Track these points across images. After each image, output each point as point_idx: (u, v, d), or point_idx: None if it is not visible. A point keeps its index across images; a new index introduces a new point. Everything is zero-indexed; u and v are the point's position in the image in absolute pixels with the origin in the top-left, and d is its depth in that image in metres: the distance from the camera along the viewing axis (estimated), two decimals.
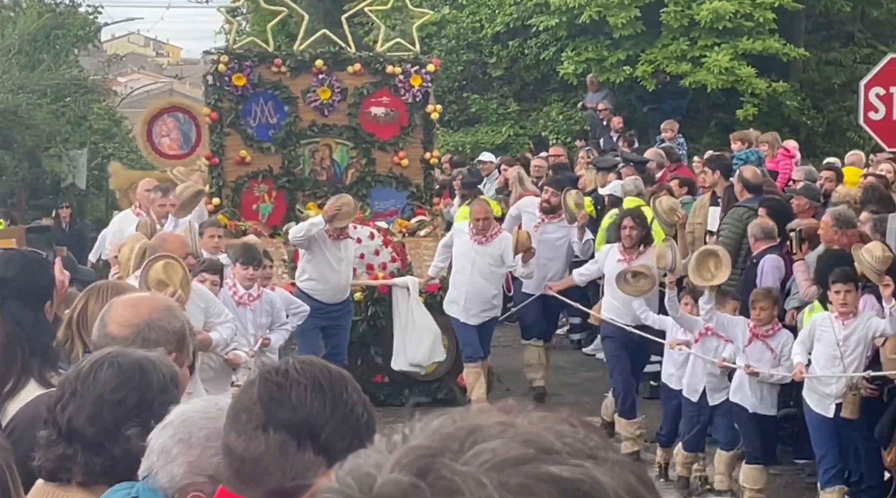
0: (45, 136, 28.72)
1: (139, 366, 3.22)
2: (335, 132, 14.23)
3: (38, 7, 31.52)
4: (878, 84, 10.89)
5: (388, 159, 14.31)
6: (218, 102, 14.06)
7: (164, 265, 7.74)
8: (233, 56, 14.07)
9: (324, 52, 14.55)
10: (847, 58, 22.89)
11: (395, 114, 14.29)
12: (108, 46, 49.55)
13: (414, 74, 14.28)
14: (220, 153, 14.11)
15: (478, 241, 12.42)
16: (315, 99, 14.08)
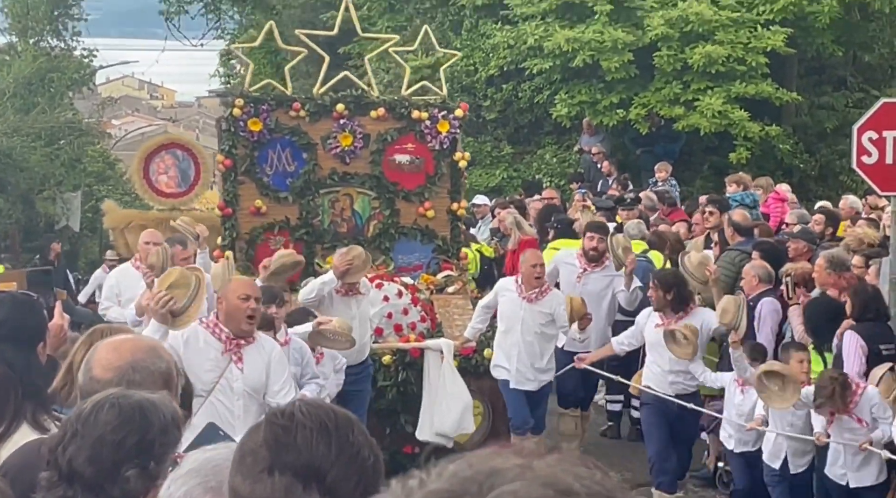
0: (40, 179, 28.75)
1: (140, 407, 3.23)
2: (357, 181, 13.37)
3: (34, 51, 31.64)
4: (871, 128, 10.93)
5: (412, 210, 13.45)
6: (232, 149, 13.19)
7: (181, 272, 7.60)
8: (248, 99, 13.14)
9: (345, 95, 13.64)
10: (839, 102, 23.00)
11: (421, 162, 13.46)
12: (102, 89, 49.62)
13: (441, 120, 13.45)
14: (233, 203, 13.22)
15: (528, 298, 11.44)
16: (335, 145, 13.24)
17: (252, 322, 7.71)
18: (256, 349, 7.80)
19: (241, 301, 7.65)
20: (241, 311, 7.64)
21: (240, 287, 7.77)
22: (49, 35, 33.77)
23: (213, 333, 7.71)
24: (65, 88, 32.22)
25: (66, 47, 34.14)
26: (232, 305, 7.67)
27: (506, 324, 11.58)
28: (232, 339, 7.70)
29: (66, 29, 34.26)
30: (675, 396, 10.79)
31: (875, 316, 9.78)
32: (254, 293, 7.74)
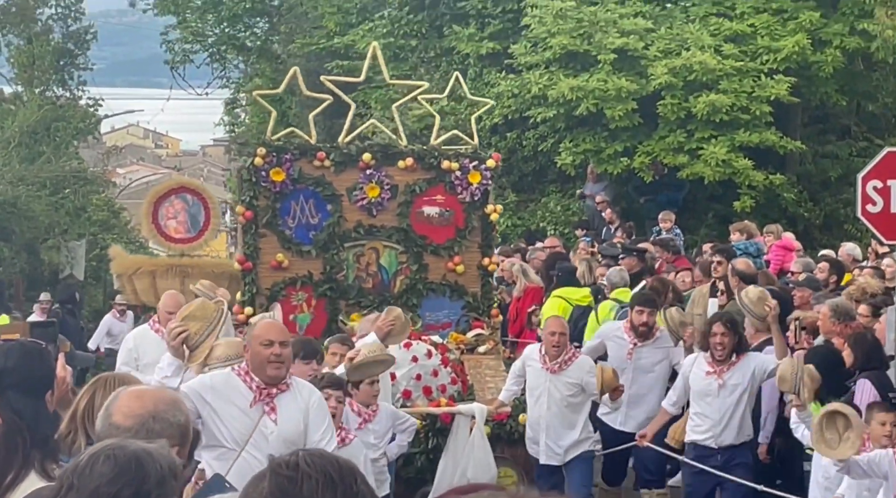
0: (44, 228, 28.80)
1: (136, 458, 3.19)
2: (383, 234, 12.77)
3: (39, 100, 31.77)
4: (876, 177, 10.91)
5: (441, 265, 12.85)
6: (253, 200, 12.56)
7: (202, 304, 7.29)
8: (271, 148, 12.54)
9: (372, 144, 13.22)
10: (843, 151, 23.04)
11: (451, 214, 12.86)
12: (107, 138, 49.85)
13: (472, 170, 12.87)
14: (254, 257, 12.60)
15: (552, 369, 10.67)
16: (362, 197, 12.66)
17: (279, 368, 7.02)
18: (292, 397, 7.11)
19: (264, 347, 6.98)
20: (264, 357, 6.98)
21: (263, 332, 7.09)
22: (55, 84, 33.95)
23: (244, 382, 7.05)
24: (70, 137, 32.35)
25: (72, 96, 34.31)
26: (255, 350, 7.04)
27: (532, 396, 10.89)
28: (262, 388, 7.02)
29: (71, 78, 34.44)
30: (726, 447, 10.21)
31: (879, 364, 9.73)
32: (277, 338, 7.03)
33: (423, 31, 25.51)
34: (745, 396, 10.22)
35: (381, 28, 25.92)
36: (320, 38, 29.25)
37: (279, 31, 33.97)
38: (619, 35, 21.04)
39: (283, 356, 7.02)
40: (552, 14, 21.53)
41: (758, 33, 21.33)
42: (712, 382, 10.19)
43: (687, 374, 10.47)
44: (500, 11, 23.96)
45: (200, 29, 36.12)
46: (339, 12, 29.56)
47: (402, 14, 25.69)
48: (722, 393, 10.17)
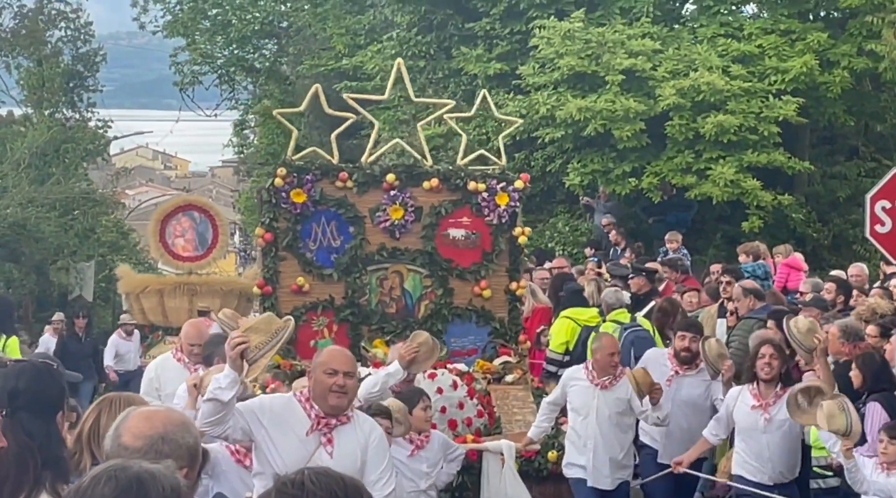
0: (53, 249, 28.83)
1: (138, 479, 3.17)
2: (407, 257, 12.30)
3: (48, 121, 31.86)
4: (884, 197, 10.92)
5: (467, 290, 12.37)
6: (273, 222, 12.10)
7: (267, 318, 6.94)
8: (291, 169, 12.11)
9: (396, 164, 12.80)
10: (852, 171, 23.03)
11: (477, 237, 12.39)
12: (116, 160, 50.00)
13: (500, 192, 12.37)
14: (273, 280, 12.13)
15: (601, 385, 10.23)
16: (385, 219, 12.21)
17: (341, 398, 6.60)
18: (351, 431, 6.68)
19: (328, 376, 6.57)
20: (327, 385, 6.55)
21: (328, 360, 6.69)
22: (64, 106, 34.05)
23: (303, 409, 6.65)
24: (79, 159, 32.41)
25: (81, 118, 34.42)
26: (318, 378, 6.63)
27: (579, 415, 10.33)
28: (322, 417, 6.60)
29: (81, 100, 34.55)
30: (774, 485, 9.74)
31: (888, 386, 9.68)
32: (342, 367, 6.63)
33: (431, 52, 25.55)
34: (794, 430, 9.77)
35: (390, 49, 25.97)
36: (329, 60, 29.36)
37: (288, 52, 34.12)
38: (626, 56, 21.07)
39: (346, 387, 6.63)
40: (560, 35, 21.57)
41: (766, 54, 21.34)
42: (758, 417, 9.76)
43: (731, 408, 9.98)
44: (508, 32, 24.01)
45: (209, 51, 36.28)
46: (347, 34, 29.66)
47: (411, 35, 25.75)
48: (768, 429, 9.74)
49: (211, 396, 6.47)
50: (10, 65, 34.22)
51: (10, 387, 4.77)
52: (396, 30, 26.51)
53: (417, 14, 25.62)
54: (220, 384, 6.47)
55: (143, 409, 4.12)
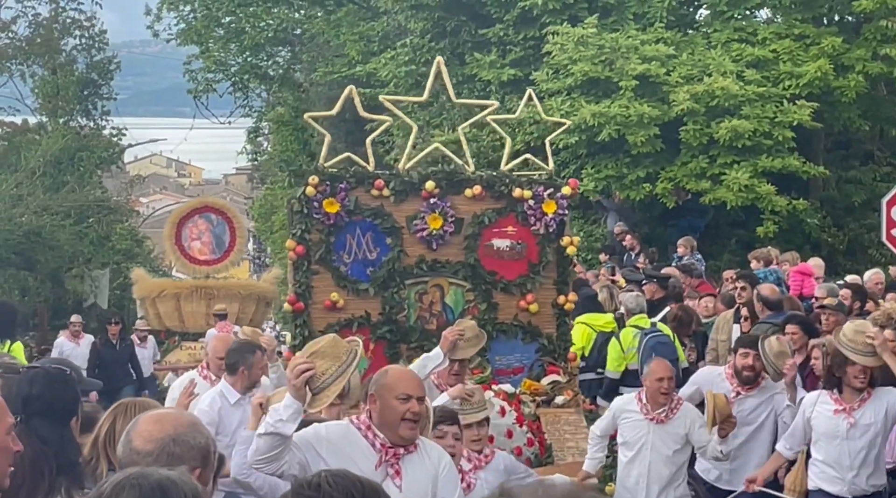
0: (68, 257, 28.94)
1: (160, 487, 3.18)
2: (448, 270, 11.56)
3: (63, 130, 31.98)
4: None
5: (512, 304, 11.61)
6: (305, 233, 11.36)
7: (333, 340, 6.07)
8: (324, 176, 11.34)
9: (435, 171, 11.87)
10: (867, 176, 22.96)
11: (523, 248, 11.66)
12: (130, 168, 50.13)
13: (547, 199, 11.65)
14: (305, 296, 11.40)
15: (656, 418, 9.33)
16: (424, 228, 11.47)
17: (414, 428, 5.88)
18: (419, 459, 5.97)
19: (400, 402, 5.82)
20: (399, 413, 5.81)
21: (398, 383, 5.92)
22: (78, 114, 34.22)
23: (365, 438, 5.89)
24: (93, 167, 32.56)
25: (96, 126, 34.58)
26: (388, 404, 5.85)
27: (630, 451, 9.47)
28: (389, 447, 5.86)
29: (95, 108, 34.72)
30: (859, 497, 9.11)
31: None
32: (416, 392, 5.91)
33: (444, 58, 25.52)
34: (879, 437, 9.11)
35: (403, 56, 25.97)
36: (342, 67, 29.37)
37: (301, 59, 34.17)
38: (640, 61, 21.04)
39: (419, 414, 5.91)
40: (573, 41, 21.54)
41: (780, 59, 21.30)
42: (841, 421, 9.02)
43: (809, 414, 9.22)
44: (521, 38, 23.99)
45: (223, 58, 36.37)
46: (360, 40, 29.69)
47: (424, 42, 25.74)
48: (852, 434, 9.03)
49: (270, 430, 5.72)
50: (24, 73, 34.41)
51: (23, 393, 4.79)
52: (410, 36, 26.49)
53: (431, 20, 25.60)
54: (281, 416, 5.72)
55: (153, 412, 4.12)
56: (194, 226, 21.66)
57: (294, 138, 35.06)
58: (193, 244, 21.59)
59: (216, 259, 22.03)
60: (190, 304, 21.92)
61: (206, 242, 21.64)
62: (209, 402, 8.91)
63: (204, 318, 21.68)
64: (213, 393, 9.09)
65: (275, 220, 34.62)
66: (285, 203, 12.44)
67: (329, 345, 5.97)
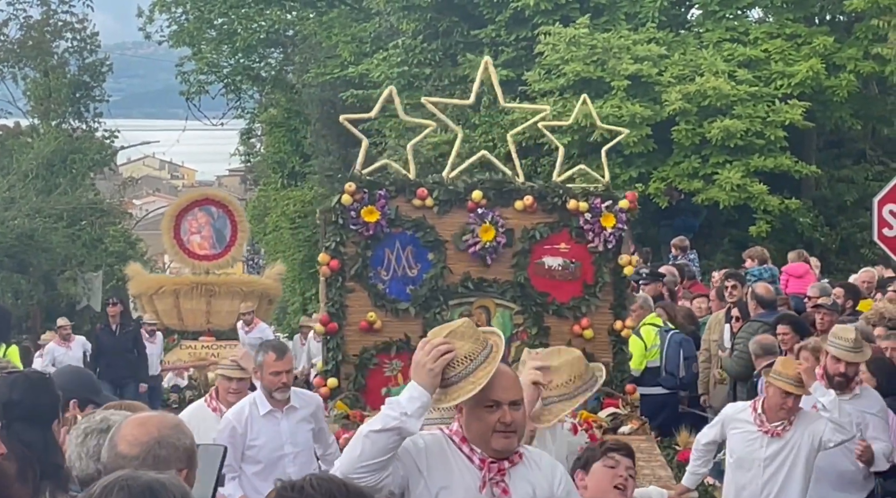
0: (61, 260, 28.92)
1: (150, 489, 3.18)
2: (495, 290, 10.52)
3: (55, 132, 31.96)
4: (892, 201, 10.91)
5: (565, 329, 10.53)
6: (339, 246, 10.33)
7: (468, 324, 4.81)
8: (361, 184, 10.33)
9: (483, 180, 10.76)
10: (859, 175, 22.99)
11: (577, 267, 10.59)
12: (123, 169, 50.11)
13: (605, 212, 10.58)
14: (339, 316, 10.34)
15: (772, 432, 8.24)
16: (474, 242, 10.42)
17: (509, 438, 4.76)
18: (528, 471, 4.90)
19: (488, 411, 4.73)
20: (489, 424, 4.73)
21: (485, 387, 4.70)
22: (71, 116, 34.20)
23: (461, 451, 4.83)
24: (86, 169, 32.54)
25: (88, 128, 34.55)
26: (474, 414, 4.77)
27: (739, 468, 8.43)
28: (491, 462, 4.78)
29: (87, 110, 34.69)
30: None
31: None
32: (507, 396, 4.77)
33: (437, 59, 25.54)
34: None
35: (396, 57, 25.97)
36: (334, 68, 29.37)
37: (293, 61, 34.16)
38: (632, 61, 21.06)
39: (515, 423, 4.77)
40: (565, 41, 21.55)
41: (772, 58, 21.34)
42: None
43: None
44: (513, 39, 24.00)
45: (215, 60, 36.36)
46: (353, 41, 29.68)
47: (416, 43, 25.74)
48: None
49: (391, 425, 4.53)
50: (16, 76, 34.38)
51: (4, 398, 4.79)
52: (402, 37, 26.49)
53: (423, 21, 25.61)
54: (405, 409, 4.55)
55: (137, 415, 4.11)
56: (194, 219, 20.88)
57: (287, 140, 35.04)
58: (193, 238, 20.80)
59: (217, 254, 21.16)
60: (189, 301, 21.10)
61: (206, 236, 20.87)
62: (238, 409, 8.42)
63: (204, 315, 21.01)
64: (245, 401, 8.47)
65: (268, 221, 34.59)
66: (317, 213, 11.24)
67: (468, 326, 4.81)
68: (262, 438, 8.35)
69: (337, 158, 28.62)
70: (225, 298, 21.04)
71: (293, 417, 8.47)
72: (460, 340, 4.70)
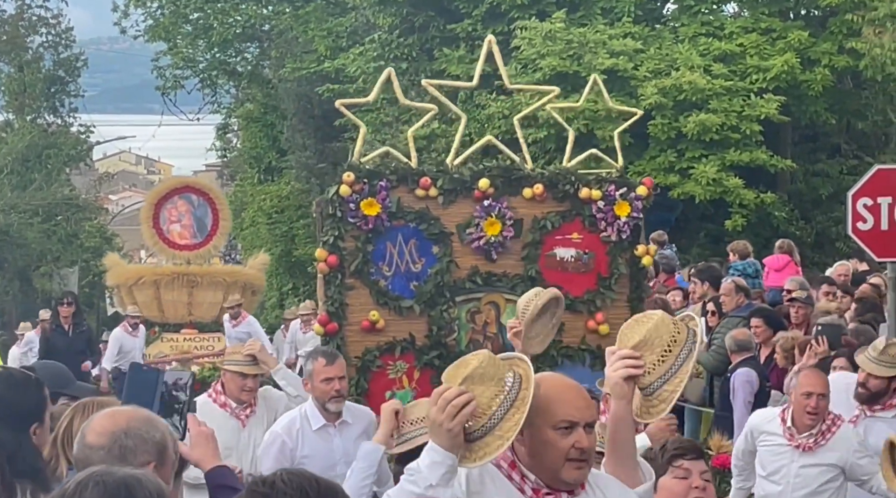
0: (36, 256, 28.81)
1: (125, 484, 3.16)
2: (505, 284, 9.93)
3: (30, 127, 31.84)
4: (866, 195, 10.91)
5: (579, 324, 9.96)
6: (338, 240, 9.71)
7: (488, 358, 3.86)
8: (360, 173, 9.72)
9: (490, 167, 10.24)
10: (834, 169, 23.07)
11: (591, 258, 10.08)
12: (99, 165, 49.90)
13: (620, 200, 10.10)
14: (339, 315, 9.71)
15: (803, 446, 7.72)
16: (478, 236, 9.87)
17: (583, 468, 3.88)
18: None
19: (560, 434, 3.87)
20: (562, 450, 3.85)
21: (559, 404, 3.91)
22: (46, 111, 34.09)
23: (510, 478, 3.94)
24: (61, 164, 32.43)
25: (63, 123, 34.44)
26: (542, 438, 3.88)
27: (770, 482, 7.92)
28: (546, 493, 3.92)
29: (62, 105, 34.59)
30: None
31: None
32: (584, 416, 3.92)
33: (413, 54, 25.53)
34: None
35: (372, 51, 25.95)
36: (311, 63, 29.30)
37: (270, 55, 34.08)
38: (608, 56, 21.08)
39: (588, 450, 3.90)
40: (542, 36, 21.57)
41: (747, 53, 21.39)
42: None
43: None
44: (490, 34, 24.01)
45: (191, 55, 36.24)
46: (329, 36, 29.63)
47: (393, 37, 25.72)
48: None
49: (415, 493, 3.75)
50: None
51: None
52: (378, 32, 26.47)
53: (399, 16, 25.59)
54: (429, 479, 3.74)
55: (109, 408, 4.08)
56: (174, 207, 20.20)
57: (263, 135, 34.94)
58: (173, 227, 20.21)
59: (197, 244, 20.53)
60: (170, 292, 20.29)
61: (186, 225, 20.21)
62: (288, 422, 7.51)
63: (186, 307, 20.37)
64: (295, 413, 7.61)
65: (244, 216, 34.49)
66: (314, 205, 10.60)
67: (487, 364, 3.85)
68: (313, 456, 7.34)
69: (314, 153, 28.55)
70: (207, 288, 20.37)
71: (347, 433, 7.49)
72: (479, 384, 3.82)
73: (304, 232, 31.45)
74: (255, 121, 35.55)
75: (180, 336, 20.23)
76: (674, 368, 4.21)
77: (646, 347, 4.23)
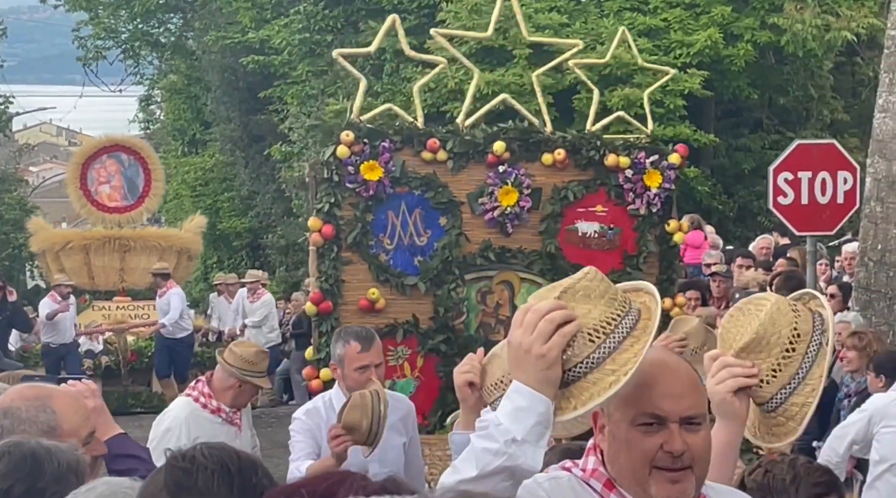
0: None
1: (32, 454, 3.13)
2: (520, 261, 9.09)
3: None
4: (787, 169, 11.06)
5: None
6: (334, 208, 8.75)
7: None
8: (360, 132, 8.73)
9: (506, 128, 9.34)
10: (756, 144, 23.30)
11: (616, 233, 9.24)
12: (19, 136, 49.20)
13: (650, 169, 9.23)
14: (333, 293, 8.76)
15: None
16: (491, 206, 8.98)
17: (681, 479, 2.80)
18: None
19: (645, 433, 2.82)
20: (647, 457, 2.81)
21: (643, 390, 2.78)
22: None
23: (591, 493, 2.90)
24: None
25: None
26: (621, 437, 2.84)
27: (890, 473, 7.09)
28: None
29: None
30: None
31: None
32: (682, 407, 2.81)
33: (338, 26, 25.38)
34: None
35: (297, 23, 25.75)
36: (235, 34, 29.01)
37: (193, 26, 33.69)
38: (534, 30, 21.08)
39: (690, 454, 2.82)
40: (467, 9, 21.55)
41: (671, 28, 21.52)
42: None
43: None
44: (415, 7, 23.94)
45: (113, 25, 35.74)
46: (253, 7, 29.34)
47: (318, 9, 25.54)
48: None
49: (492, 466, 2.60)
50: None
51: None
52: (303, 3, 26.27)
53: None
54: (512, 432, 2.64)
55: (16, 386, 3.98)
56: (102, 167, 19.25)
57: (187, 107, 34.61)
58: (101, 189, 19.24)
59: (129, 206, 19.44)
60: (101, 257, 19.30)
61: (116, 186, 19.23)
62: (311, 409, 6.28)
63: (117, 273, 19.46)
64: (318, 400, 6.38)
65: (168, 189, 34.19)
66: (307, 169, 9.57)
67: (593, 278, 2.77)
68: None
69: (238, 126, 28.34)
70: (140, 253, 19.41)
71: None
72: (583, 302, 2.72)
73: (229, 205, 31.26)
74: (178, 93, 35.20)
75: (112, 304, 19.37)
76: (801, 373, 3.14)
77: (759, 347, 3.13)
